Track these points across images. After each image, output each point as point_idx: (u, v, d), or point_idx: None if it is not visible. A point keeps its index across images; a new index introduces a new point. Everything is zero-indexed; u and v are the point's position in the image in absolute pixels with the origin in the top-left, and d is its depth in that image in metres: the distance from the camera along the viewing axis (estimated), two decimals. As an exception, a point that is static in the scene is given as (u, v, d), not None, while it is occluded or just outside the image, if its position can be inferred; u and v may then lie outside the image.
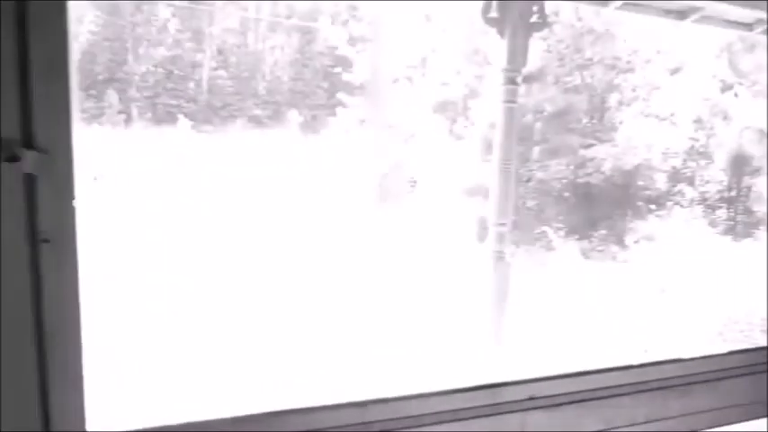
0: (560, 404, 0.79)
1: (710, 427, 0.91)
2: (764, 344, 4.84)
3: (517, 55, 4.04)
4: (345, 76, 15.20)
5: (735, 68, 13.53)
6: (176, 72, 17.64)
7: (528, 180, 13.41)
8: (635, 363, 0.84)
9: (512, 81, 4.08)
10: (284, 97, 20.25)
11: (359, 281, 8.06)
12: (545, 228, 10.19)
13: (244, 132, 16.72)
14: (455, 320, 6.10)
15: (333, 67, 19.75)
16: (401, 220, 12.66)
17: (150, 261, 8.40)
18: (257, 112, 18.91)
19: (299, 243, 9.97)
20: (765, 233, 10.95)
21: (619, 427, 0.83)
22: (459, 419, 0.72)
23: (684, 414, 0.88)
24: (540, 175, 13.16)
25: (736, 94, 13.47)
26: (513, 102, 4.13)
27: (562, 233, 10.41)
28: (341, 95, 15.20)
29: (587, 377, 0.81)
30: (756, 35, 6.62)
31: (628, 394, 0.83)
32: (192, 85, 17.91)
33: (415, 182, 15.61)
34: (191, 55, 18.11)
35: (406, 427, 0.68)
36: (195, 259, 8.79)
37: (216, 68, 18.50)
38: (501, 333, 4.48)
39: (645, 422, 0.85)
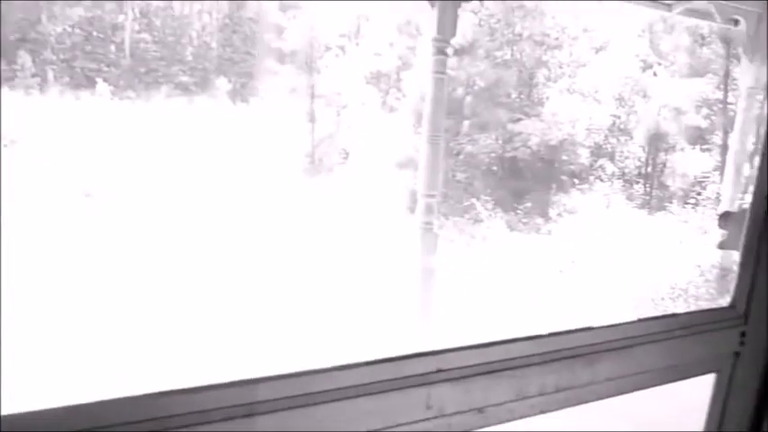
0: (468, 376, 0.76)
1: (618, 394, 0.91)
2: (672, 311, 5.13)
3: (446, 25, 4.00)
4: (276, 43, 14.77)
5: (655, 48, 14.14)
6: (96, 34, 16.57)
7: (458, 153, 13.59)
8: (544, 332, 0.83)
9: (441, 51, 4.03)
10: (212, 64, 19.57)
11: (288, 252, 7.94)
12: (473, 200, 10.37)
13: (169, 99, 15.98)
14: (383, 291, 6.12)
15: (263, 33, 19.17)
16: (333, 190, 12.56)
17: (63, 231, 7.95)
18: (184, 78, 18.11)
19: (227, 214, 9.70)
20: (678, 205, 11.58)
21: (528, 397, 0.81)
22: (362, 395, 0.67)
23: (593, 382, 0.88)
24: (469, 148, 13.36)
25: (655, 74, 14.09)
26: (443, 73, 4.09)
27: (490, 206, 10.63)
28: (271, 63, 14.76)
29: (496, 347, 0.79)
30: (676, 15, 6.91)
31: (537, 364, 0.81)
32: (112, 48, 16.87)
33: (347, 153, 15.52)
34: (111, 16, 17.03)
35: (303, 405, 0.63)
36: (114, 230, 8.38)
37: (139, 31, 17.50)
38: (428, 303, 4.52)
39: (554, 391, 0.84)
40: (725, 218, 1.07)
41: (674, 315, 0.97)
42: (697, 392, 1.05)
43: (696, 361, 1.00)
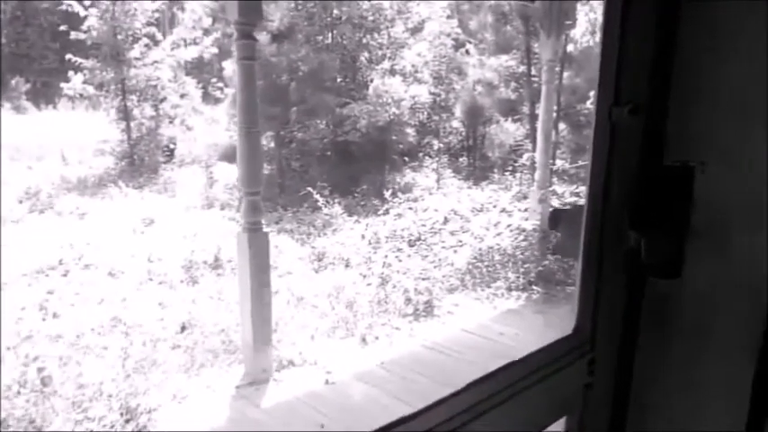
0: None
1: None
2: (504, 276, 5.25)
3: (250, 6, 3.66)
4: (75, 35, 13.15)
5: (465, 28, 14.91)
6: None
7: (290, 141, 13.27)
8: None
9: (246, 35, 3.69)
10: (5, 62, 17.30)
11: (99, 266, 7.09)
12: (310, 188, 10.15)
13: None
14: (209, 305, 5.66)
15: (60, 25, 17.19)
16: (155, 190, 11.60)
17: None
18: (-31, 79, 15.74)
19: (29, 231, 8.46)
20: (498, 174, 12.38)
21: None
22: None
23: None
24: (300, 135, 13.10)
25: (467, 52, 14.88)
26: (251, 59, 3.75)
27: (327, 192, 10.48)
28: (73, 57, 13.13)
29: None
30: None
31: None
32: None
33: (171, 150, 14.49)
34: None
35: None
36: None
37: None
38: (262, 320, 4.20)
39: None
40: (555, 217, 0.93)
41: (512, 363, 0.80)
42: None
43: (543, 412, 0.84)
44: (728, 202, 0.82)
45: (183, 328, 5.07)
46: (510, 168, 11.83)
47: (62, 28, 13.92)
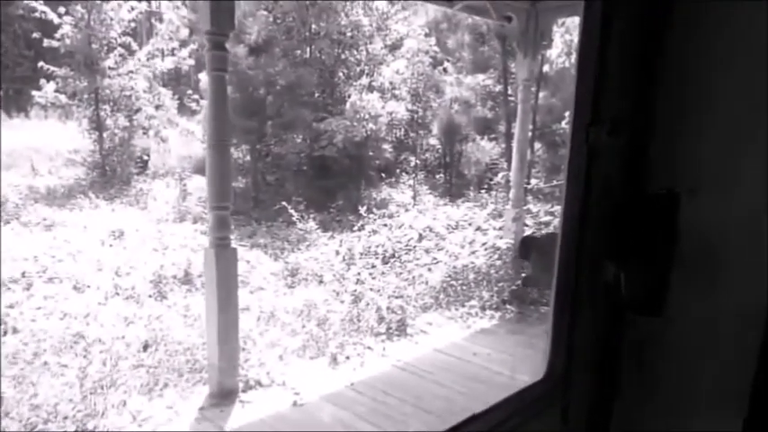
0: None
1: None
2: (479, 295, 5.18)
3: (222, 16, 3.58)
4: (48, 43, 12.89)
5: (442, 46, 15.02)
6: None
7: (266, 155, 13.15)
8: None
9: (218, 46, 3.60)
10: (-23, 69, 16.95)
11: (64, 279, 6.86)
12: (284, 202, 10.01)
13: None
14: (177, 326, 5.48)
15: (34, 32, 16.91)
16: (126, 202, 11.34)
17: None
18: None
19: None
20: (474, 192, 12.39)
21: None
22: None
23: None
24: (277, 149, 12.98)
25: (445, 70, 14.98)
26: (223, 70, 3.66)
27: (302, 207, 10.36)
28: (45, 65, 12.84)
29: None
30: (458, 14, 7.28)
31: None
32: None
33: (144, 162, 14.24)
34: None
35: None
36: None
37: None
38: (229, 339, 4.07)
39: None
40: (526, 245, 0.85)
41: (477, 415, 0.72)
42: None
43: None
44: (721, 231, 0.74)
45: (146, 347, 4.89)
46: (485, 186, 11.85)
47: (36, 35, 13.64)
